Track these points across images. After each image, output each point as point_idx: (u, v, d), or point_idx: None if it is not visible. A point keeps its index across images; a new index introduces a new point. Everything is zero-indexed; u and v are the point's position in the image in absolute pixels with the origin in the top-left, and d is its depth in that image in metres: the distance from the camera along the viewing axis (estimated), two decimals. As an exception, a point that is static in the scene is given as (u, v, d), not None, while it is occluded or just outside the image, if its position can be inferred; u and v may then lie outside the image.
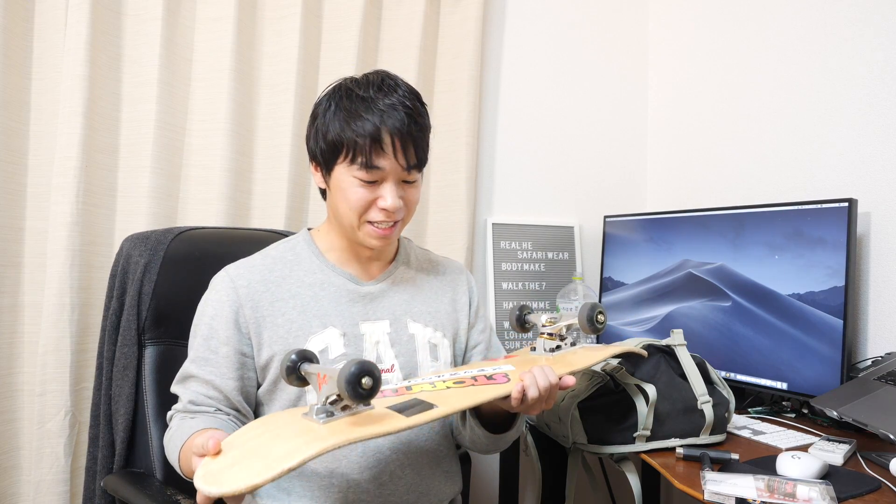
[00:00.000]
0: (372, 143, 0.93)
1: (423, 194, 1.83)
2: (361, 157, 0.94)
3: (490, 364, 1.00)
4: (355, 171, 0.96)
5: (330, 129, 0.97)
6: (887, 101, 1.38)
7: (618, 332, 1.80)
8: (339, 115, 0.96)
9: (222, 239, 1.35)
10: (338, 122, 0.96)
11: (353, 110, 0.95)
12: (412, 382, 0.93)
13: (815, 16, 1.55)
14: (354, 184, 0.96)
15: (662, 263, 1.70)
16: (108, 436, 1.21)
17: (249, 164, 1.65)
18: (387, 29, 1.79)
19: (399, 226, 1.02)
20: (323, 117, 0.99)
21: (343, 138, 0.95)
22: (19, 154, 1.44)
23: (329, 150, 0.98)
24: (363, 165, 0.95)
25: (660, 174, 2.08)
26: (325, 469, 0.97)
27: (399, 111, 0.95)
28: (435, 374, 0.98)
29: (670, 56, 2.05)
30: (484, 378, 0.93)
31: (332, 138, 0.96)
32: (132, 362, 1.19)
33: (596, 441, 1.14)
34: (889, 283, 1.35)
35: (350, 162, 0.96)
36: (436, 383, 0.91)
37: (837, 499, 0.87)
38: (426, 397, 0.85)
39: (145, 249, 1.23)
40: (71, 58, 1.41)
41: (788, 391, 1.36)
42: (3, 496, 1.42)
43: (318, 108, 1.01)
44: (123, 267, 1.24)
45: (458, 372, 0.97)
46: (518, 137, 1.98)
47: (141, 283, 1.21)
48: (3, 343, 1.42)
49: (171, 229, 1.30)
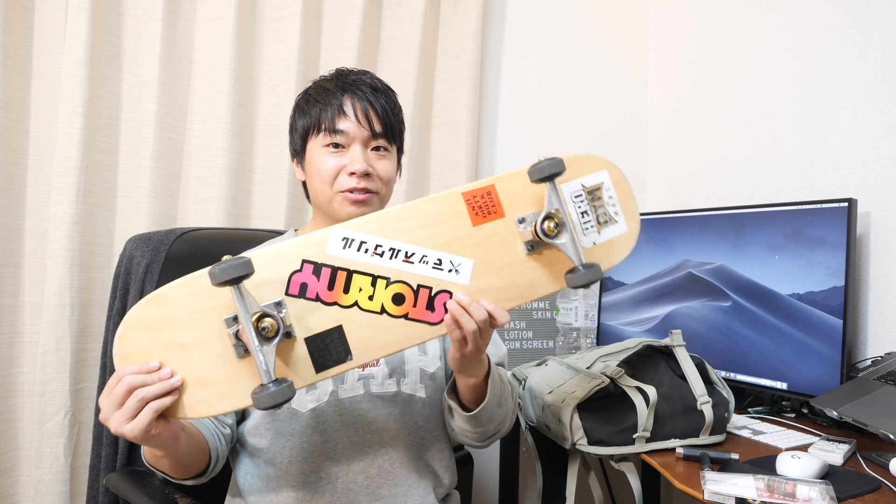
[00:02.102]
0: (335, 110, 1.00)
1: (423, 194, 1.83)
2: (325, 123, 1.00)
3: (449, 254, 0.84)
4: (322, 139, 1.01)
5: (299, 117, 1.05)
6: (887, 101, 1.38)
7: (618, 332, 1.80)
8: (308, 101, 1.04)
9: (224, 239, 1.36)
10: (307, 107, 1.03)
11: (320, 89, 1.03)
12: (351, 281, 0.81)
13: (815, 16, 1.55)
14: (323, 153, 1.01)
15: (662, 263, 1.70)
16: (111, 434, 1.20)
17: (249, 164, 1.65)
18: (387, 29, 1.80)
19: (376, 199, 1.03)
20: (295, 111, 1.06)
21: (311, 117, 1.02)
22: (19, 154, 1.44)
23: (301, 134, 1.04)
24: (327, 130, 1.00)
25: (660, 174, 2.08)
26: (313, 464, 0.97)
27: (364, 85, 1.02)
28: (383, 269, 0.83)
29: (670, 56, 2.05)
30: (424, 303, 0.82)
31: (302, 122, 1.03)
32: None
33: (595, 442, 1.13)
34: (889, 283, 1.35)
35: (317, 133, 1.01)
36: (375, 294, 0.81)
37: (837, 499, 0.87)
38: (352, 323, 0.79)
39: (147, 250, 1.24)
40: (71, 58, 1.42)
41: (788, 391, 1.36)
42: (3, 496, 1.42)
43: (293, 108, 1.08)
44: (126, 267, 1.25)
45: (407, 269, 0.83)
46: (518, 137, 1.98)
47: (143, 284, 1.22)
48: (3, 343, 1.42)
49: (174, 230, 1.30)
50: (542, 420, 1.25)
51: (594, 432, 1.13)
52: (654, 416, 1.11)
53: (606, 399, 1.14)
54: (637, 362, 1.18)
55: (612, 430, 1.12)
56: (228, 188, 1.58)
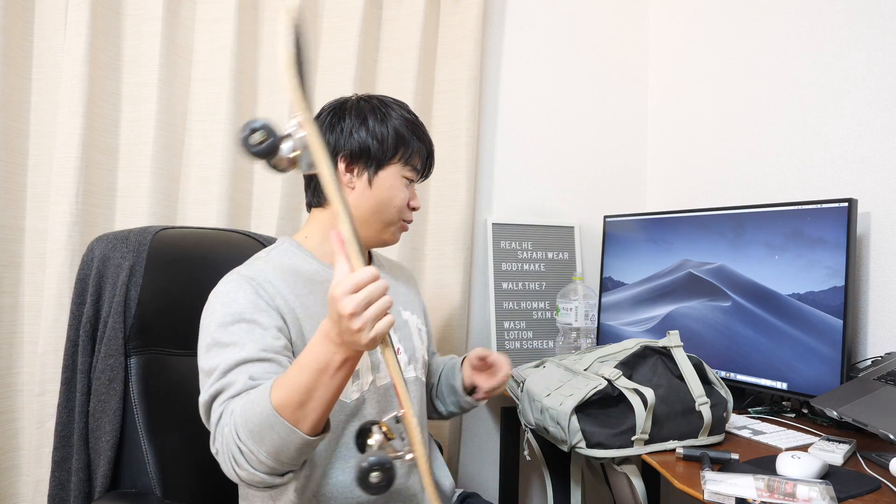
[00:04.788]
0: (428, 157, 1.12)
1: (423, 194, 1.84)
2: (419, 163, 1.10)
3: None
4: (407, 172, 1.08)
5: (389, 129, 1.06)
6: (887, 101, 1.38)
7: (618, 331, 1.80)
8: (397, 121, 1.07)
9: (201, 240, 1.27)
10: (408, 134, 1.07)
11: (411, 122, 1.09)
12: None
13: (815, 15, 1.55)
14: (403, 183, 1.08)
15: (662, 263, 1.70)
16: (83, 457, 1.08)
17: (249, 164, 1.65)
18: (387, 29, 1.80)
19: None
20: (374, 117, 1.06)
21: (410, 148, 1.07)
22: (19, 154, 1.44)
23: (391, 146, 1.05)
24: (417, 171, 1.10)
25: (660, 174, 2.08)
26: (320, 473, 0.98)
27: (432, 145, 1.14)
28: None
29: (670, 56, 2.05)
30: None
31: (393, 136, 1.06)
32: (119, 374, 1.07)
33: (594, 445, 1.13)
34: (889, 283, 1.35)
35: (405, 162, 1.07)
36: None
37: (837, 499, 0.87)
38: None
39: (127, 251, 1.12)
40: (71, 58, 1.42)
41: (788, 391, 1.36)
42: (3, 496, 1.42)
43: (354, 107, 1.07)
44: (99, 270, 1.12)
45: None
46: (518, 137, 1.98)
47: (127, 288, 1.10)
48: (3, 343, 1.42)
49: (148, 228, 1.19)
50: (540, 423, 1.24)
51: (593, 435, 1.13)
52: (652, 417, 1.11)
53: (604, 401, 1.14)
54: (634, 363, 1.18)
55: (611, 432, 1.12)
56: (228, 188, 1.58)
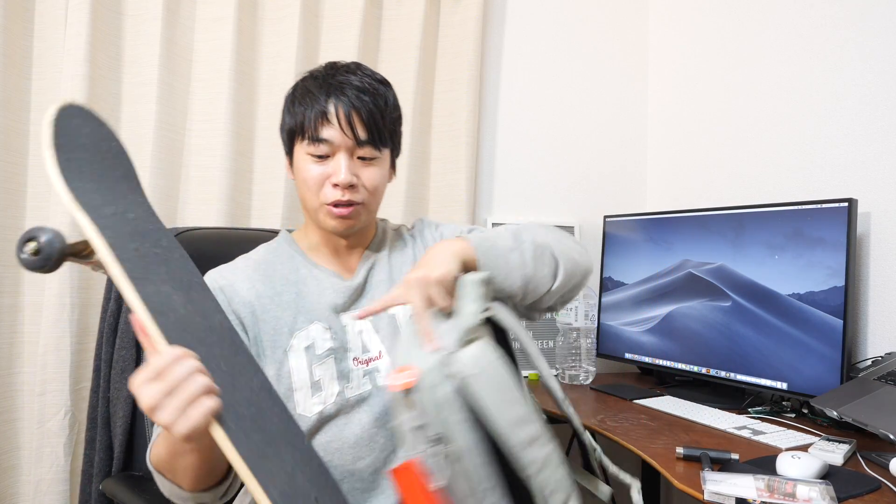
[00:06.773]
0: (318, 115, 0.94)
1: (423, 194, 1.83)
2: (309, 131, 0.95)
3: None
4: (306, 147, 0.96)
5: (287, 115, 1.00)
6: (887, 101, 1.38)
7: (618, 331, 1.80)
8: (294, 101, 0.99)
9: (221, 239, 1.34)
10: (292, 107, 0.99)
11: (305, 90, 0.98)
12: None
13: (815, 15, 1.55)
14: (308, 161, 0.96)
15: (662, 263, 1.70)
16: (105, 439, 1.20)
17: (249, 164, 1.65)
18: (387, 29, 1.79)
19: (362, 210, 0.99)
20: (284, 108, 1.02)
21: (295, 119, 0.97)
22: (19, 154, 1.44)
23: (288, 135, 1.00)
24: (311, 139, 0.95)
25: (660, 174, 2.08)
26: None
27: (350, 87, 0.96)
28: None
29: (670, 56, 2.05)
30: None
31: (289, 122, 0.99)
32: (130, 365, 1.18)
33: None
34: (889, 283, 1.35)
35: (302, 138, 0.97)
36: None
37: (837, 499, 0.87)
38: None
39: None
40: (71, 58, 1.42)
41: (788, 391, 1.36)
42: (3, 496, 1.42)
43: (283, 104, 1.04)
44: None
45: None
46: (518, 137, 1.98)
47: None
48: (3, 343, 1.42)
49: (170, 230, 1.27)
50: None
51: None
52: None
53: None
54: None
55: None
56: (228, 188, 1.58)
